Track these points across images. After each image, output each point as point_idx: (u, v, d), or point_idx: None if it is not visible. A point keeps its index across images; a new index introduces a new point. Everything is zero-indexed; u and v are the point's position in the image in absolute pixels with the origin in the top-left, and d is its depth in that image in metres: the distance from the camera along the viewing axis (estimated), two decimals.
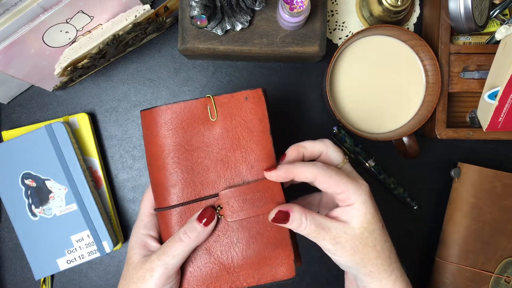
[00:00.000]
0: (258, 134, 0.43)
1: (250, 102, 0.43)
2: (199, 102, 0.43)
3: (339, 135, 0.60)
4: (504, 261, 0.59)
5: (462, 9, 0.54)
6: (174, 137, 0.43)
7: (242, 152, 0.43)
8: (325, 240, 0.42)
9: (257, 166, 0.43)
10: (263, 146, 0.43)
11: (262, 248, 0.43)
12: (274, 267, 0.43)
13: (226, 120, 0.43)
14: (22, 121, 0.61)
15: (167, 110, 0.42)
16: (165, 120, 0.42)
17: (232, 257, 0.43)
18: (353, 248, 0.42)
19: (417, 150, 0.57)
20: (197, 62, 0.62)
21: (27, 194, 0.57)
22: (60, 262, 0.57)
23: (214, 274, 0.43)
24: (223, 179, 0.43)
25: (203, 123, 0.43)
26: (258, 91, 0.43)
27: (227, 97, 0.43)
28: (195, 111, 0.43)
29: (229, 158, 0.43)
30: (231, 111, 0.43)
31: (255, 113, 0.43)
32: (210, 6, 0.51)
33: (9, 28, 0.48)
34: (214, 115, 0.43)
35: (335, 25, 0.61)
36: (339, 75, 0.58)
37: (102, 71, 0.61)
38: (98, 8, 0.52)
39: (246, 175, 0.43)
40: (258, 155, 0.43)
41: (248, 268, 0.43)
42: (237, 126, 0.43)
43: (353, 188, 0.42)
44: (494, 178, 0.58)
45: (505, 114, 0.54)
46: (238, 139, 0.43)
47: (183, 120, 0.43)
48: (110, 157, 0.62)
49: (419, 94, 0.58)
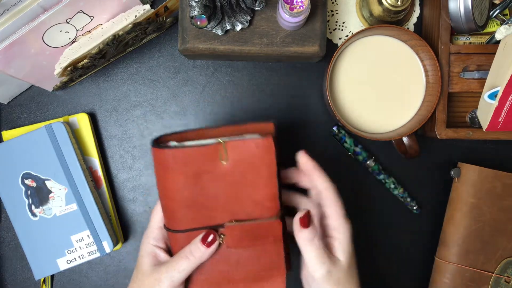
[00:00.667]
0: (266, 178, 0.45)
1: (260, 150, 0.45)
2: (211, 148, 0.44)
3: (339, 135, 0.60)
4: (504, 261, 0.59)
5: (462, 9, 0.54)
6: (185, 176, 0.44)
7: (249, 192, 0.46)
8: (323, 269, 0.46)
9: (262, 205, 0.46)
10: (269, 188, 0.46)
11: (259, 268, 0.48)
12: (269, 283, 0.48)
13: (236, 163, 0.45)
14: (22, 121, 0.61)
15: (177, 153, 0.44)
16: (176, 161, 0.44)
17: (233, 272, 0.47)
18: (339, 279, 0.47)
19: (417, 150, 0.57)
20: (197, 62, 0.62)
21: (27, 194, 0.57)
22: (60, 262, 0.57)
23: (217, 283, 0.47)
24: (228, 212, 0.46)
25: (214, 164, 0.45)
26: (268, 140, 0.44)
27: (239, 143, 0.44)
28: (206, 154, 0.44)
29: (236, 195, 0.46)
30: (242, 156, 0.45)
31: (264, 161, 0.45)
32: (210, 6, 0.51)
33: (9, 28, 0.48)
34: (224, 158, 0.45)
35: (335, 25, 0.61)
36: (339, 75, 0.58)
37: (102, 71, 0.61)
38: (98, 8, 0.52)
39: (250, 212, 0.46)
40: (264, 196, 0.46)
41: (246, 281, 0.48)
42: (246, 170, 0.45)
43: (344, 222, 0.48)
44: (494, 178, 0.59)
45: (505, 114, 0.54)
46: (246, 181, 0.45)
47: (194, 162, 0.44)
48: (110, 157, 0.62)
49: (419, 94, 0.58)
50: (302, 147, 0.62)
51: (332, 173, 0.63)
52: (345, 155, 0.62)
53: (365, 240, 0.63)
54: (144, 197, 0.62)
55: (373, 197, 0.63)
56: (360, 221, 0.63)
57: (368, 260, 0.63)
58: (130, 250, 0.62)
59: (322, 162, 0.62)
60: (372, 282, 0.63)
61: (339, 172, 0.62)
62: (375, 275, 0.63)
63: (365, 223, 0.63)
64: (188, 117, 0.62)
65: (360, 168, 0.62)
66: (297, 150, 0.62)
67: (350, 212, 0.63)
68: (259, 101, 0.62)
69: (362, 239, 0.63)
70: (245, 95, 0.62)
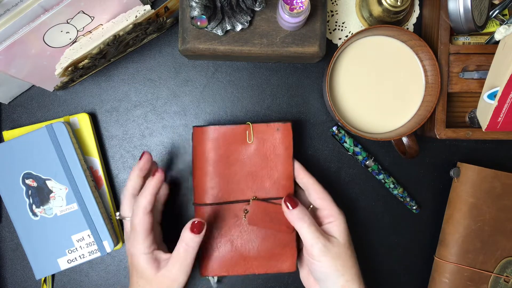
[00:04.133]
0: (283, 158, 0.54)
1: (280, 132, 0.54)
2: (241, 128, 0.54)
3: (339, 135, 0.61)
4: (503, 261, 0.59)
5: (461, 10, 0.55)
6: (218, 152, 0.53)
7: (268, 170, 0.54)
8: (319, 243, 0.49)
9: (279, 183, 0.54)
10: (285, 168, 0.54)
11: (273, 246, 0.54)
12: (281, 262, 0.54)
13: (260, 144, 0.54)
14: (23, 121, 0.61)
15: (215, 130, 0.53)
16: (212, 138, 0.53)
17: (249, 250, 0.54)
18: (337, 253, 0.50)
19: (417, 150, 0.57)
20: (197, 62, 0.62)
21: (28, 194, 0.57)
22: (60, 262, 0.57)
23: (234, 260, 0.54)
24: (250, 189, 0.54)
25: (241, 144, 0.54)
26: (288, 125, 0.54)
27: (263, 126, 0.54)
28: (236, 134, 0.54)
29: (257, 174, 0.54)
30: (265, 137, 0.54)
31: (283, 142, 0.54)
32: (210, 6, 0.51)
33: (10, 29, 0.48)
34: (251, 138, 0.54)
35: (335, 25, 0.61)
36: (339, 75, 0.58)
37: (103, 71, 0.61)
38: (99, 9, 0.53)
39: (268, 189, 0.54)
40: (281, 174, 0.54)
41: (260, 259, 0.54)
42: (267, 150, 0.54)
43: (335, 208, 0.53)
44: (493, 178, 0.59)
45: (504, 114, 0.54)
46: (267, 160, 0.54)
47: (225, 140, 0.53)
48: (110, 157, 0.62)
49: (418, 94, 0.58)
50: (302, 147, 0.63)
51: (331, 173, 0.63)
52: (345, 155, 0.62)
53: (365, 239, 0.63)
54: None
55: (373, 197, 0.63)
56: (360, 220, 0.63)
57: (368, 260, 0.63)
58: None
59: (322, 162, 0.63)
60: (372, 282, 0.63)
61: (339, 172, 0.63)
62: (375, 274, 0.63)
63: (365, 222, 0.63)
64: (188, 117, 0.62)
65: (360, 168, 0.63)
66: (297, 149, 0.62)
67: (349, 212, 0.63)
68: (259, 101, 0.62)
69: (362, 239, 0.63)
70: (245, 95, 0.62)
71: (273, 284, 0.63)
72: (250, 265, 0.54)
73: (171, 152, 0.62)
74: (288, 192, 0.54)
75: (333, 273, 0.49)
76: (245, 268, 0.54)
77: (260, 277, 0.62)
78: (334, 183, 0.63)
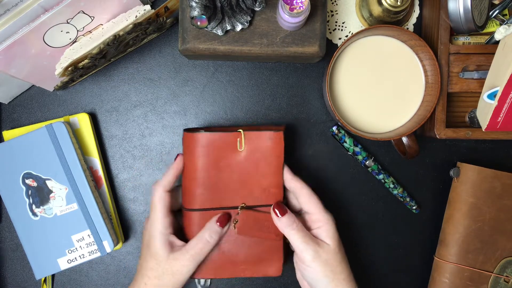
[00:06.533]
0: (274, 166, 0.53)
1: (272, 141, 0.53)
2: (232, 135, 0.52)
3: (339, 135, 0.61)
4: (503, 261, 0.59)
5: (461, 10, 0.55)
6: (207, 159, 0.52)
7: (258, 178, 0.53)
8: (308, 249, 0.50)
9: (268, 191, 0.53)
10: (276, 176, 0.53)
11: (260, 251, 0.54)
12: (267, 266, 0.54)
13: (251, 152, 0.53)
14: (23, 121, 0.61)
15: (205, 137, 0.52)
16: (202, 144, 0.52)
17: (237, 254, 0.53)
18: (326, 260, 0.50)
19: (417, 150, 0.57)
20: (197, 62, 0.62)
21: (28, 194, 0.57)
22: (60, 262, 0.57)
23: (221, 264, 0.53)
24: (239, 196, 0.53)
25: (232, 151, 0.53)
26: (280, 134, 0.53)
27: (255, 133, 0.53)
28: (227, 141, 0.52)
29: (247, 181, 0.53)
30: (256, 145, 0.53)
31: (275, 150, 0.53)
32: (210, 6, 0.51)
33: (10, 28, 0.48)
34: (242, 146, 0.53)
35: (335, 25, 0.61)
36: (339, 75, 0.58)
37: (103, 71, 0.62)
38: (99, 9, 0.53)
39: (258, 196, 0.53)
40: (271, 182, 0.53)
41: (247, 263, 0.54)
42: (258, 158, 0.53)
43: (324, 213, 0.52)
44: (493, 178, 0.59)
45: (504, 114, 0.54)
46: (257, 167, 0.53)
47: (216, 146, 0.52)
48: (110, 157, 0.62)
49: (418, 94, 0.58)
50: (301, 146, 0.63)
51: (331, 173, 0.63)
52: (344, 155, 0.62)
53: (365, 239, 0.63)
54: (145, 197, 0.62)
55: (373, 197, 0.63)
56: (360, 220, 0.63)
57: (367, 260, 0.63)
58: (131, 249, 0.62)
59: (322, 162, 0.63)
60: (371, 282, 0.63)
61: (339, 172, 0.63)
62: (374, 274, 0.63)
63: (365, 222, 0.63)
64: (188, 117, 0.62)
65: (360, 168, 0.63)
66: (296, 149, 0.62)
67: (349, 212, 0.63)
68: (259, 101, 0.62)
69: (362, 239, 0.63)
70: (245, 95, 0.62)
71: (273, 284, 0.63)
72: (237, 268, 0.54)
73: (171, 152, 0.62)
74: (277, 200, 0.54)
75: (322, 279, 0.50)
76: (232, 272, 0.54)
77: (260, 277, 0.62)
78: (334, 183, 0.63)
